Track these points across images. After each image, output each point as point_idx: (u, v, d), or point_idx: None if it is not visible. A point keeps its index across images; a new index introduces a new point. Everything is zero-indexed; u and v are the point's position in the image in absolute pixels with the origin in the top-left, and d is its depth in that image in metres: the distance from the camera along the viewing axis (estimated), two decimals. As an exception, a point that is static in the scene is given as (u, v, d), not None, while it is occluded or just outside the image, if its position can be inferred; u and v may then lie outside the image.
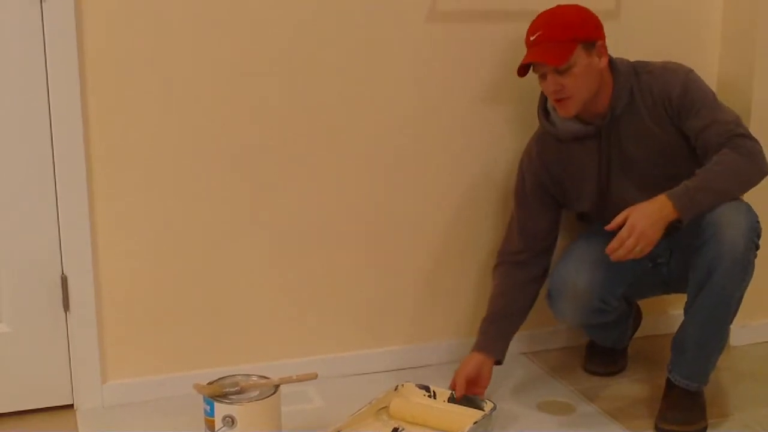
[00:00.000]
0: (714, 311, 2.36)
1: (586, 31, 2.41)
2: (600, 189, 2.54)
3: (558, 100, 2.43)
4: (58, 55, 2.36)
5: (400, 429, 2.39)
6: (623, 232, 2.29)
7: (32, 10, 2.33)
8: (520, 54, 2.74)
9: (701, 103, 2.42)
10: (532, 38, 2.42)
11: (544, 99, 2.57)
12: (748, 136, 2.38)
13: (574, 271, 2.52)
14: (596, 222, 2.63)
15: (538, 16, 2.46)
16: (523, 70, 2.44)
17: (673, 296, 2.91)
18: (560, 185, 2.60)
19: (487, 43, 2.72)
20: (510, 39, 2.73)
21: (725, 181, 2.34)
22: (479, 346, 2.58)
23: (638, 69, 2.49)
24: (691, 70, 2.48)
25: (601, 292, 2.51)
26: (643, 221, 2.28)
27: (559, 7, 2.46)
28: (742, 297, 2.37)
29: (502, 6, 2.72)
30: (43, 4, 2.33)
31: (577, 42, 2.38)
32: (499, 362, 2.59)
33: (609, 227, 2.32)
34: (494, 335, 2.59)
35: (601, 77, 2.44)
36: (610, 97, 2.46)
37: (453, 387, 2.54)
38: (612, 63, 2.48)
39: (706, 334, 2.41)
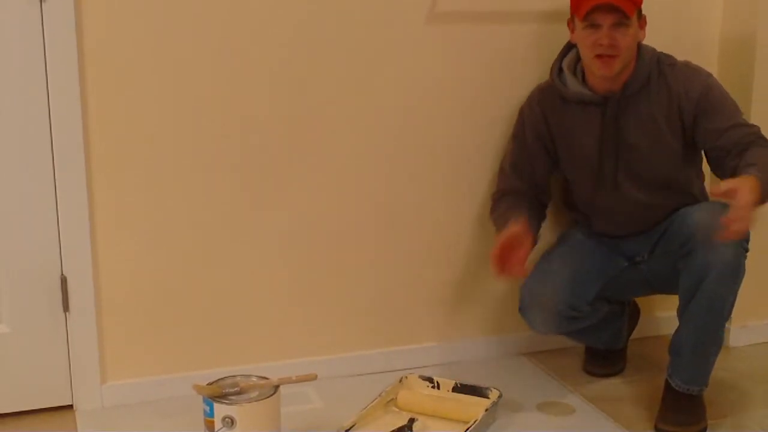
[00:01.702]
0: (708, 316, 2.37)
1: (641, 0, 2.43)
2: (593, 161, 2.53)
3: (603, 56, 2.40)
4: (58, 55, 2.36)
5: (415, 420, 2.42)
6: (742, 213, 2.08)
7: (32, 10, 2.33)
8: (518, 55, 2.75)
9: (723, 104, 2.45)
10: None
11: (561, 57, 2.57)
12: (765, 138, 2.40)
13: (539, 282, 2.52)
14: (581, 211, 2.65)
15: None
16: (583, 16, 2.39)
17: (671, 297, 2.92)
18: (553, 142, 2.59)
19: (487, 44, 2.72)
20: (509, 40, 2.73)
21: None
22: (518, 221, 2.41)
23: (661, 59, 2.51)
24: (711, 74, 2.51)
25: (569, 300, 2.50)
26: (752, 205, 2.10)
27: None
28: (735, 299, 2.37)
29: (500, 7, 2.72)
30: (42, 4, 2.33)
31: (636, 4, 2.40)
32: (535, 242, 2.52)
33: (719, 192, 2.13)
34: (522, 217, 2.47)
35: (635, 51, 2.45)
36: (629, 75, 2.46)
37: (497, 253, 2.36)
38: (639, 44, 2.48)
39: (702, 339, 2.41)
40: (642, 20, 2.45)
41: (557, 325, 2.57)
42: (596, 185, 2.56)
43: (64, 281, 2.49)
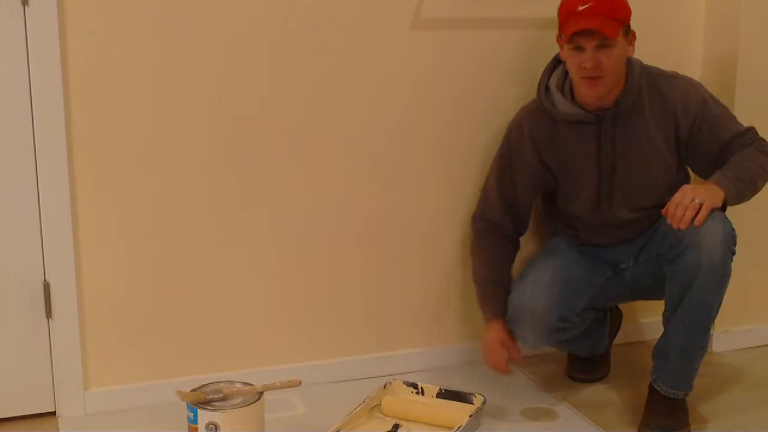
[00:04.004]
0: (696, 320, 2.37)
1: (628, 14, 2.41)
2: (591, 182, 2.52)
3: (589, 78, 2.39)
4: (41, 60, 2.35)
5: (400, 426, 2.42)
6: (676, 196, 2.27)
7: (14, 14, 2.31)
8: (503, 60, 2.76)
9: (723, 116, 2.47)
10: (580, 8, 2.37)
11: (547, 76, 2.55)
12: (763, 140, 2.45)
13: (529, 294, 2.50)
14: (567, 223, 2.64)
15: None
16: (567, 38, 2.39)
17: (655, 303, 2.93)
18: (546, 166, 2.56)
19: (472, 50, 2.73)
20: (494, 45, 2.74)
21: (757, 174, 2.37)
22: (499, 313, 2.57)
23: (652, 71, 2.50)
24: (700, 83, 2.53)
25: (559, 312, 2.49)
26: (694, 189, 2.27)
27: None
28: (721, 303, 2.38)
29: (484, 14, 2.73)
30: (26, 8, 2.32)
31: (622, 23, 2.38)
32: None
33: (667, 210, 2.28)
34: (503, 301, 2.58)
35: (624, 67, 2.44)
36: (620, 91, 2.45)
37: (495, 362, 2.56)
38: (629, 59, 2.47)
39: (689, 342, 2.41)
40: (630, 36, 2.43)
41: (547, 337, 2.58)
42: (594, 206, 2.54)
43: (46, 287, 2.48)
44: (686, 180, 2.60)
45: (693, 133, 2.46)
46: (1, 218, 2.41)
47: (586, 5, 2.37)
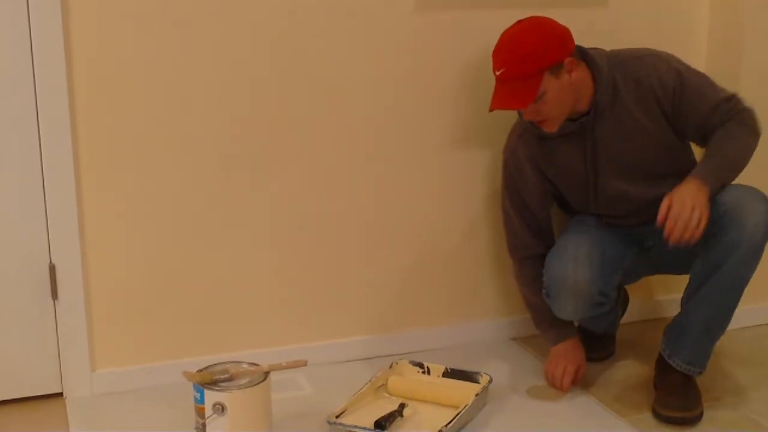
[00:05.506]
0: (727, 296, 2.36)
1: (550, 57, 2.33)
2: (587, 185, 2.52)
3: (537, 122, 2.41)
4: (45, 48, 2.34)
5: (406, 405, 2.42)
6: (674, 209, 2.24)
7: (19, 6, 2.31)
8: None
9: (702, 85, 2.43)
10: (497, 73, 2.37)
11: None
12: (747, 110, 2.41)
13: (571, 268, 2.47)
14: (584, 213, 2.63)
15: (500, 44, 2.39)
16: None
17: (659, 282, 2.92)
18: (550, 181, 2.58)
19: (477, 31, 2.71)
20: (496, 26, 2.71)
21: (739, 153, 2.35)
22: (572, 333, 2.63)
23: (620, 57, 2.46)
24: (673, 55, 2.48)
25: (600, 286, 2.48)
26: (688, 197, 2.25)
27: (520, 29, 2.38)
28: (749, 282, 2.37)
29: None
30: (29, 3, 2.32)
31: (543, 72, 2.32)
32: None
33: (659, 219, 2.26)
34: (566, 322, 2.63)
35: (577, 87, 2.39)
36: (593, 96, 2.42)
37: (559, 379, 2.57)
38: (589, 60, 2.43)
39: (715, 319, 2.40)
40: (566, 66, 2.35)
41: (587, 310, 2.56)
42: (602, 205, 2.55)
43: (52, 269, 2.48)
44: (687, 143, 2.58)
45: (675, 105, 2.43)
46: (6, 201, 2.41)
47: (500, 71, 2.35)
